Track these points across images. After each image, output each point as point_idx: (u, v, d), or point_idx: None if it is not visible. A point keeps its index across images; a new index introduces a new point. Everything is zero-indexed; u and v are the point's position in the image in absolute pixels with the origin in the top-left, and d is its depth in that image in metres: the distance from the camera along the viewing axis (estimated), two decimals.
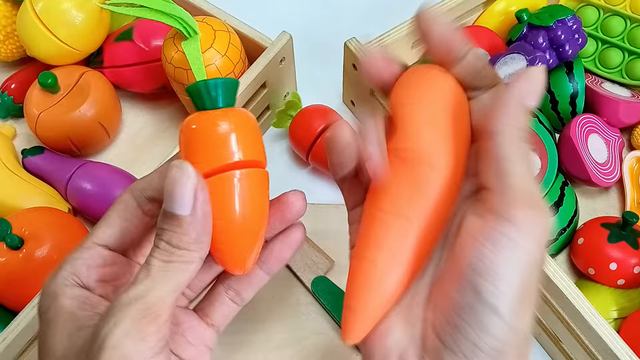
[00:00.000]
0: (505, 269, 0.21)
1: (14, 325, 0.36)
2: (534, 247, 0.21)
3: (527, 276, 0.21)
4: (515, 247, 0.21)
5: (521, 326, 0.22)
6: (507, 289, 0.21)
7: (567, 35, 0.48)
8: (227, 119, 0.24)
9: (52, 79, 0.48)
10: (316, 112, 0.50)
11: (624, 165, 0.50)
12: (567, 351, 0.42)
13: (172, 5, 0.41)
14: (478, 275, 0.22)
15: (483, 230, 0.22)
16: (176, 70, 0.45)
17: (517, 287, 0.21)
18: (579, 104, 0.49)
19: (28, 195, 0.47)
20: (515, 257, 0.21)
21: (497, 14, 0.55)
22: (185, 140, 0.24)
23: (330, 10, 0.64)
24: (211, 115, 0.24)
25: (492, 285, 0.21)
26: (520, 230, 0.21)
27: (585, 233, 0.46)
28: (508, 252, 0.21)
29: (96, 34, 0.50)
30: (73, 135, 0.49)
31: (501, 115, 0.23)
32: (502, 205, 0.22)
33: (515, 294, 0.21)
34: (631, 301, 0.44)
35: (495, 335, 0.21)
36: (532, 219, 0.21)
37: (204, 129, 0.24)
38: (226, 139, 0.24)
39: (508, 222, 0.21)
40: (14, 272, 0.40)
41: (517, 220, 0.21)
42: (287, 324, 0.45)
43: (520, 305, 0.21)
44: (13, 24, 0.53)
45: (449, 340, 0.22)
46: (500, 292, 0.21)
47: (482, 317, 0.21)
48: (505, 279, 0.21)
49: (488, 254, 0.21)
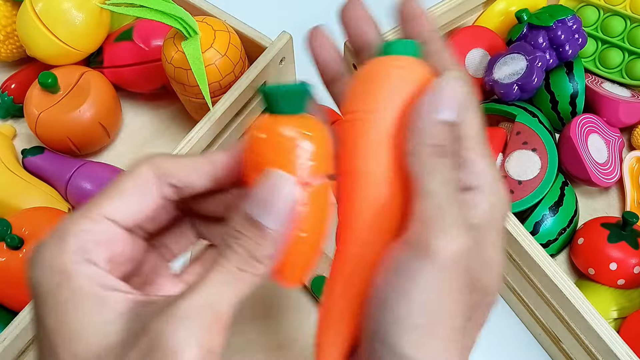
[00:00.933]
0: (392, 298, 0.20)
1: (14, 325, 0.36)
2: (428, 276, 0.19)
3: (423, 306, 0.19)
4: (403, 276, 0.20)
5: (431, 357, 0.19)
6: (396, 320, 0.19)
7: (567, 35, 0.48)
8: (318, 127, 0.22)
9: (52, 79, 0.48)
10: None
11: (624, 165, 0.50)
12: (567, 351, 0.42)
13: (172, 5, 0.41)
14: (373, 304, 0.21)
15: (387, 254, 0.21)
16: (176, 70, 0.45)
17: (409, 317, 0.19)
18: (579, 104, 0.49)
19: (28, 195, 0.47)
20: (403, 287, 0.20)
21: (497, 14, 0.55)
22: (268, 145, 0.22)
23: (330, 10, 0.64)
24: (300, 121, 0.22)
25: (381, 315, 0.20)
26: (410, 258, 0.20)
27: (585, 233, 0.46)
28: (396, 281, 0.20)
29: (96, 34, 0.50)
30: (73, 135, 0.49)
31: (410, 132, 0.22)
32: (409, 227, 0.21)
33: (408, 325, 0.19)
34: (631, 301, 0.44)
35: None
36: (425, 245, 0.20)
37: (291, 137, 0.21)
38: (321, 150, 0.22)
39: (403, 246, 0.20)
40: (14, 272, 0.40)
41: (410, 245, 0.20)
42: (287, 324, 0.45)
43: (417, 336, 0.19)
44: (13, 24, 0.53)
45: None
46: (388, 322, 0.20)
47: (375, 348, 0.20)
48: (393, 309, 0.20)
49: (379, 282, 0.20)
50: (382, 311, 0.20)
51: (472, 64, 0.53)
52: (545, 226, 0.45)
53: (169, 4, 0.41)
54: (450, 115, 0.22)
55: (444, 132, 0.22)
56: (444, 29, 0.53)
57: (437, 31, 0.25)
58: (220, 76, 0.45)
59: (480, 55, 0.53)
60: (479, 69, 0.53)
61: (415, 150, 0.21)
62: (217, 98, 0.46)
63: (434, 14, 0.49)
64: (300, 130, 0.21)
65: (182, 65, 0.44)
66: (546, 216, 0.45)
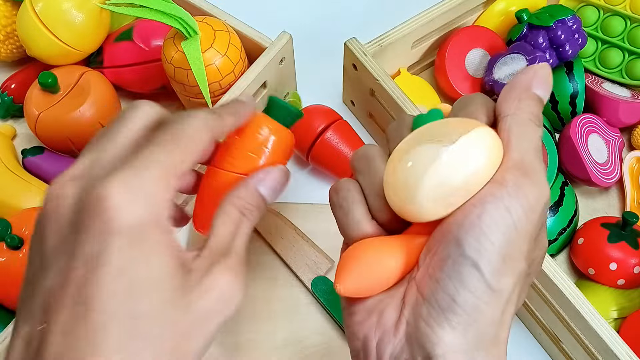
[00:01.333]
0: (489, 227, 0.22)
1: None
2: (521, 212, 0.22)
3: (511, 238, 0.22)
4: (502, 208, 0.22)
5: (500, 288, 0.22)
6: (489, 246, 0.22)
7: (567, 35, 0.48)
8: (285, 133, 0.32)
9: (52, 79, 0.48)
10: (316, 112, 0.50)
11: (624, 165, 0.50)
12: (567, 351, 0.42)
13: (172, 5, 0.41)
14: (462, 230, 0.22)
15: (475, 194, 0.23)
16: (176, 70, 0.45)
17: (500, 246, 0.22)
18: (579, 104, 0.49)
19: (28, 195, 0.47)
20: (500, 217, 0.22)
21: (497, 14, 0.55)
22: (249, 133, 0.31)
23: (330, 10, 0.64)
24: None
25: (474, 240, 0.22)
26: (510, 194, 0.22)
27: (585, 233, 0.46)
28: (494, 211, 0.22)
29: (96, 34, 0.50)
30: (73, 135, 0.49)
31: (511, 98, 0.25)
32: (499, 172, 0.23)
33: (497, 254, 0.22)
34: (631, 301, 0.44)
35: (473, 290, 0.22)
36: (523, 186, 0.22)
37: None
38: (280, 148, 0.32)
39: (498, 184, 0.22)
40: (14, 272, 0.41)
41: (507, 183, 0.22)
42: (287, 324, 0.45)
43: (501, 265, 0.22)
44: (13, 24, 0.53)
45: (428, 293, 0.23)
46: (482, 247, 0.22)
47: (461, 270, 0.22)
48: (488, 236, 0.22)
49: (474, 210, 0.22)
50: (478, 238, 0.22)
51: (472, 64, 0.53)
52: None
53: (169, 4, 0.41)
54: (542, 93, 0.25)
55: (538, 106, 0.25)
56: (444, 29, 0.53)
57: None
58: (220, 76, 0.45)
59: (480, 55, 0.53)
60: (479, 69, 0.53)
61: (515, 112, 0.24)
62: (217, 98, 0.46)
63: (434, 14, 0.49)
64: (270, 131, 0.31)
65: (182, 65, 0.44)
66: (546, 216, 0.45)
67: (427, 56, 0.56)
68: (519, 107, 0.24)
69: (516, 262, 0.22)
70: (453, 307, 0.22)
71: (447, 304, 0.22)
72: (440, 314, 0.22)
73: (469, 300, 0.22)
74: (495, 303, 0.22)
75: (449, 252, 0.22)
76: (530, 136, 0.24)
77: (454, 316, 0.22)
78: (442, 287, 0.22)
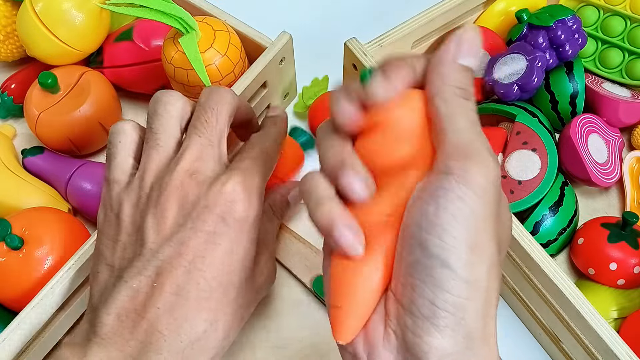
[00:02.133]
0: (448, 222, 0.21)
1: (14, 325, 0.36)
2: (475, 197, 0.21)
3: (473, 226, 0.21)
4: (455, 198, 0.21)
5: (477, 278, 0.21)
6: (453, 241, 0.21)
7: (567, 35, 0.48)
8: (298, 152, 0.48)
9: (52, 79, 0.48)
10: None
11: (624, 165, 0.50)
12: (567, 351, 0.42)
13: (172, 5, 0.41)
14: (423, 231, 0.21)
15: (425, 188, 0.22)
16: (176, 70, 0.45)
17: (464, 238, 0.21)
18: (579, 104, 0.49)
19: (28, 195, 0.47)
20: (456, 209, 0.21)
21: (497, 14, 0.55)
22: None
23: (330, 10, 0.64)
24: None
25: (437, 239, 0.21)
26: (459, 182, 0.21)
27: (585, 233, 0.46)
28: (448, 203, 0.21)
29: (96, 34, 0.50)
30: (73, 135, 0.49)
31: (435, 77, 0.24)
32: (441, 160, 0.22)
33: (464, 246, 0.21)
34: (631, 301, 0.44)
35: (450, 290, 0.21)
36: (469, 169, 0.21)
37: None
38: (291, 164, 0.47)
39: (445, 175, 0.22)
40: (14, 272, 0.40)
41: (453, 171, 0.21)
42: (287, 323, 0.45)
43: (470, 256, 0.21)
44: (13, 24, 0.53)
45: (407, 302, 0.22)
46: (446, 244, 0.21)
47: (433, 272, 0.21)
48: (449, 231, 0.21)
49: (429, 208, 0.21)
50: (440, 235, 0.21)
51: None
52: (545, 226, 0.45)
53: (169, 4, 0.41)
54: (470, 62, 0.24)
55: (466, 77, 0.24)
56: (444, 29, 0.53)
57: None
58: (220, 76, 0.45)
59: (480, 56, 0.53)
60: (479, 69, 0.53)
61: (440, 91, 0.23)
62: None
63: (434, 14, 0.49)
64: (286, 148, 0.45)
65: (182, 65, 0.44)
66: (546, 216, 0.45)
67: None
68: (443, 82, 0.23)
69: (485, 248, 0.22)
70: (436, 312, 0.21)
71: (429, 310, 0.21)
72: (424, 322, 0.21)
73: (449, 300, 0.21)
74: (475, 296, 0.21)
75: (416, 257, 0.22)
76: (461, 112, 0.23)
77: (439, 320, 0.21)
78: (418, 294, 0.22)
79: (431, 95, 0.23)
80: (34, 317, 0.37)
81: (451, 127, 0.22)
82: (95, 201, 0.47)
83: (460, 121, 0.23)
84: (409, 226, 0.22)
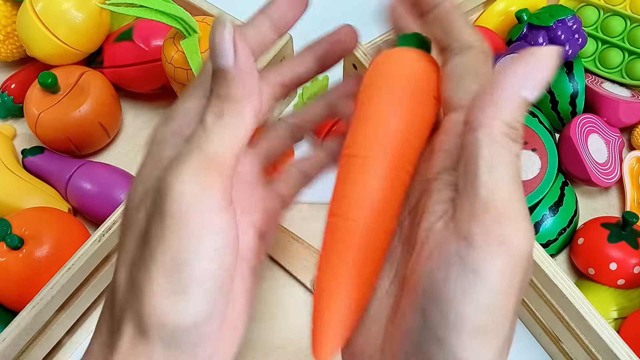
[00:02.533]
0: (455, 296, 0.18)
1: (14, 325, 0.36)
2: (497, 274, 0.17)
3: (487, 305, 0.17)
4: (470, 273, 0.17)
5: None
6: (457, 321, 0.17)
7: (567, 35, 0.48)
8: None
9: (52, 79, 0.48)
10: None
11: (624, 165, 0.50)
12: (567, 351, 0.42)
13: (172, 5, 0.41)
14: (426, 298, 0.18)
15: (440, 247, 0.19)
16: (176, 70, 0.45)
17: (471, 319, 0.17)
18: (579, 104, 0.49)
19: (28, 195, 0.47)
20: (469, 285, 0.17)
21: (497, 14, 0.55)
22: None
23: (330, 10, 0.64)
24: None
25: (439, 314, 0.18)
26: (479, 254, 0.17)
27: (585, 233, 0.46)
28: (461, 277, 0.17)
29: (96, 34, 0.50)
30: (73, 135, 0.49)
31: (486, 106, 0.18)
32: (464, 219, 0.18)
33: (469, 326, 0.17)
34: (631, 301, 0.44)
35: None
36: (496, 239, 0.17)
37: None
38: None
39: (465, 242, 0.18)
40: (14, 272, 0.40)
41: (475, 239, 0.17)
42: (287, 324, 0.45)
43: (475, 340, 0.18)
44: (13, 24, 0.53)
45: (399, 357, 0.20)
46: (449, 323, 0.18)
47: (427, 347, 0.18)
48: (455, 307, 0.17)
49: (438, 275, 0.18)
50: (442, 309, 0.18)
51: None
52: (545, 226, 0.45)
53: (169, 4, 0.41)
54: (535, 94, 0.19)
55: (522, 114, 0.19)
56: None
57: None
58: None
59: None
60: None
61: (488, 125, 0.18)
62: None
63: None
64: None
65: (182, 65, 0.44)
66: (546, 216, 0.45)
67: None
68: (495, 116, 0.18)
69: (498, 328, 0.18)
70: None
71: None
72: None
73: None
74: None
75: (416, 323, 0.19)
76: (504, 159, 0.18)
77: None
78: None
79: (473, 126, 0.19)
80: (34, 317, 0.37)
81: (487, 176, 0.18)
82: (95, 201, 0.47)
83: (500, 170, 0.18)
84: (417, 284, 0.19)
